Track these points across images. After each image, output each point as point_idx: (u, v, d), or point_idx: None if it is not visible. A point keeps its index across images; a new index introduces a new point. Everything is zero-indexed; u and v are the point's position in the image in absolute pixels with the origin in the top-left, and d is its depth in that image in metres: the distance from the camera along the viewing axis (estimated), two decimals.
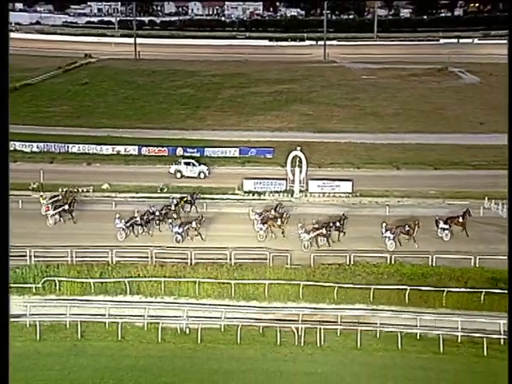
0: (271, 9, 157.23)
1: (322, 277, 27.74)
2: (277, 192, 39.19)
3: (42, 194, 36.05)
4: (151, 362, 22.65)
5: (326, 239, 31.00)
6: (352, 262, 29.22)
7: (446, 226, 32.09)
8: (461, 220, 32.32)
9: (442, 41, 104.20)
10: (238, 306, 26.05)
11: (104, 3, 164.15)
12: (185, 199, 35.09)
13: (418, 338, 24.30)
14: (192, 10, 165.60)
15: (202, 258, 29.20)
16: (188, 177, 41.18)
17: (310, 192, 39.18)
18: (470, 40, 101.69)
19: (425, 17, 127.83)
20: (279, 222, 31.67)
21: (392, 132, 53.89)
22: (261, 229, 31.36)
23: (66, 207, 33.79)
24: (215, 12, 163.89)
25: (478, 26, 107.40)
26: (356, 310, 25.73)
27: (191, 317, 25.01)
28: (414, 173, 43.54)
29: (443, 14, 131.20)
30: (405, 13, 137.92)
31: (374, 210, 36.27)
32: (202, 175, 41.56)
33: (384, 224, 31.33)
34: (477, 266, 28.78)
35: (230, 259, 29.18)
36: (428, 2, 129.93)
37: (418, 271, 28.30)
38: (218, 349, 23.43)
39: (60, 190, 36.91)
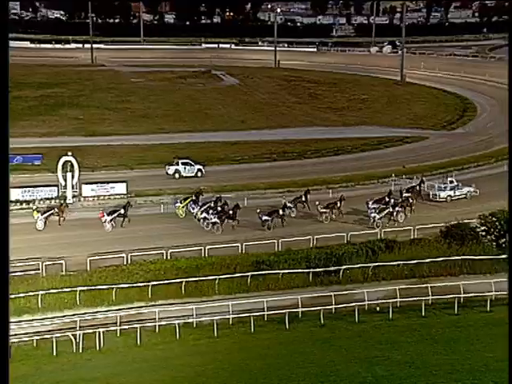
0: (30, 9, 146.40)
1: (100, 280, 27.03)
2: (48, 199, 37.04)
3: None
4: None
5: (391, 216, 34.20)
6: (130, 262, 28.94)
7: (409, 195, 36.78)
8: (418, 188, 38.86)
9: (204, 45, 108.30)
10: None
11: None
12: (190, 199, 35.66)
13: (195, 326, 25.05)
14: None
15: None
16: (186, 177, 41.56)
17: (83, 196, 37.88)
18: (228, 45, 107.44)
19: (187, 23, 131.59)
20: (339, 205, 34.93)
21: (163, 132, 54.63)
22: (325, 212, 34.67)
23: (122, 211, 33.65)
24: None
25: (234, 32, 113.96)
26: (135, 308, 25.60)
27: None
28: None
29: (204, 21, 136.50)
30: (169, 18, 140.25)
31: (149, 209, 36.44)
32: (199, 174, 42.38)
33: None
34: (243, 252, 30.60)
35: None
36: (188, 9, 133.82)
37: (193, 263, 29.12)
38: None
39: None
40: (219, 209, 34.39)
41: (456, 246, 30.87)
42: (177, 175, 42.12)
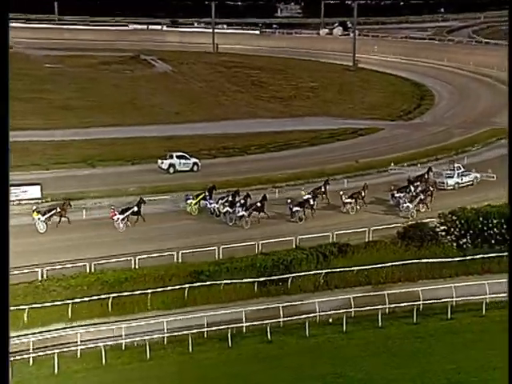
0: None
1: None
2: None
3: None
4: None
5: (425, 205, 36.36)
6: (45, 277, 28.29)
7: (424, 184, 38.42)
8: (426, 176, 40.00)
9: (131, 26, 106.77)
10: None
11: None
12: (202, 195, 36.70)
13: (124, 348, 24.75)
14: None
15: None
16: (181, 171, 42.51)
17: None
18: (159, 26, 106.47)
19: None
20: (363, 194, 36.78)
21: (85, 127, 53.86)
22: (350, 202, 36.30)
23: (135, 209, 34.48)
24: None
25: (166, 12, 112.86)
26: (51, 331, 25.05)
27: None
28: (111, 170, 44.19)
29: None
30: None
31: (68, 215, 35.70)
32: (195, 168, 43.54)
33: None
34: (180, 261, 30.43)
35: None
36: None
37: (121, 276, 28.75)
38: None
39: None
40: (242, 201, 35.46)
41: (414, 248, 31.75)
42: (171, 170, 42.97)
